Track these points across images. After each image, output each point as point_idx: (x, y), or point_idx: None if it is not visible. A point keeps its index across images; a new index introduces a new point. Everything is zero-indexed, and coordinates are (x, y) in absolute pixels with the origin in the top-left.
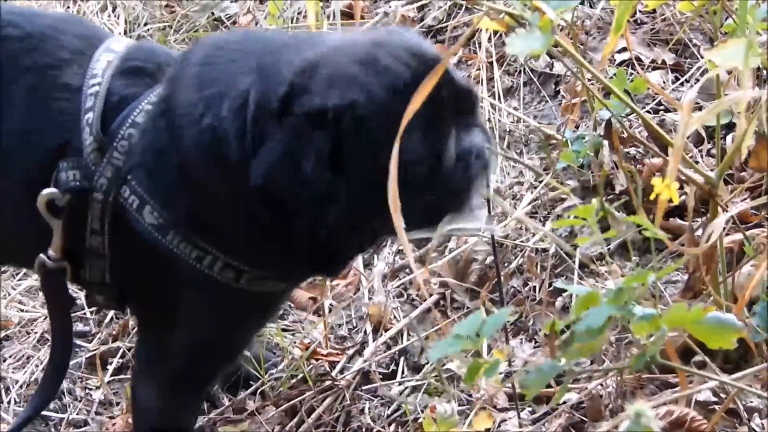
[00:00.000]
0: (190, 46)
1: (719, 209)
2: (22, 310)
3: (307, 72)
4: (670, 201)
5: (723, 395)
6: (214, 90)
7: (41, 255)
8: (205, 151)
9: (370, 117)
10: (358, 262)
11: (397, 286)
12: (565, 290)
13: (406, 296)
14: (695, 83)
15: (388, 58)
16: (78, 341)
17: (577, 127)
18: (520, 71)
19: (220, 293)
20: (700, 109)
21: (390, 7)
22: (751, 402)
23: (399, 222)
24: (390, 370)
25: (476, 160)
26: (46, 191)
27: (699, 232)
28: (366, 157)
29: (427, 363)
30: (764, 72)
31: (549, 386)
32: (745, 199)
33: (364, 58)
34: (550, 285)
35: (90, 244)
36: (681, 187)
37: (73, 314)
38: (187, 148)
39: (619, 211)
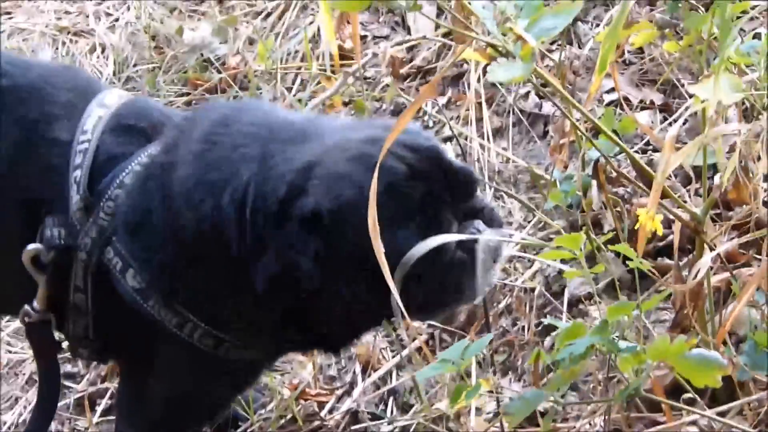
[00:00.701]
0: (193, 111)
1: (706, 247)
2: (10, 351)
3: (306, 171)
4: (659, 240)
5: None
6: (215, 176)
7: (26, 306)
8: (200, 235)
9: (357, 213)
10: None
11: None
12: (553, 330)
13: (394, 336)
14: (684, 123)
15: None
16: (66, 382)
17: (565, 167)
18: (509, 111)
19: (199, 356)
20: None
21: (379, 47)
22: None
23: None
24: (379, 410)
25: (480, 247)
26: (31, 247)
27: (687, 271)
28: (362, 255)
29: (416, 403)
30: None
31: (538, 425)
32: (733, 237)
33: (358, 155)
34: (538, 325)
35: (74, 300)
36: (669, 226)
37: (61, 355)
38: (182, 227)
39: (606, 250)
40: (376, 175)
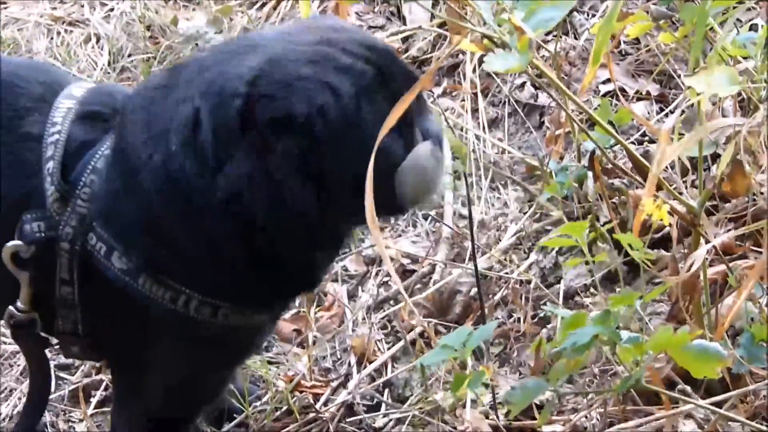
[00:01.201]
0: (132, 91)
1: (701, 239)
2: (4, 343)
3: (261, 80)
4: (656, 231)
5: (707, 427)
6: (157, 128)
7: (10, 307)
8: (163, 191)
9: (340, 120)
10: (342, 294)
11: (381, 318)
12: (549, 322)
13: (390, 328)
14: (681, 114)
15: (345, 55)
16: (61, 374)
17: (561, 158)
18: (504, 102)
19: (195, 333)
20: None
21: None
22: None
23: (374, 219)
24: (374, 402)
25: (438, 144)
26: (10, 244)
27: (683, 263)
28: (341, 162)
29: (412, 395)
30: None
31: (534, 418)
32: (729, 229)
33: (320, 58)
34: (533, 317)
35: (60, 294)
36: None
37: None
38: (146, 192)
39: (603, 242)
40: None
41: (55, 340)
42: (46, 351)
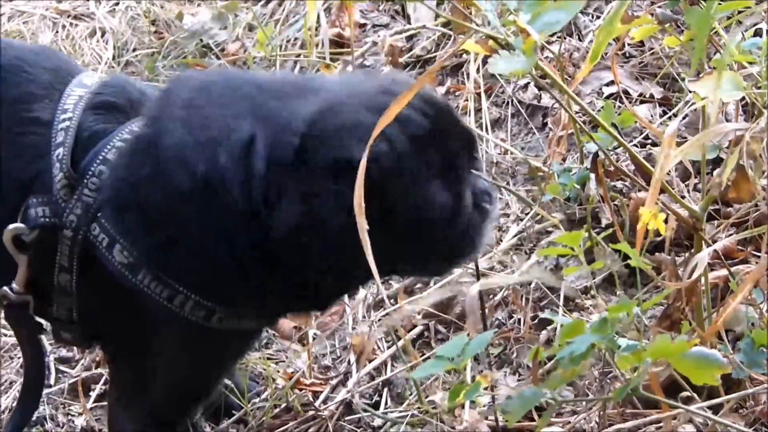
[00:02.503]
0: (166, 84)
1: (703, 243)
2: (5, 335)
3: (320, 123)
4: (657, 234)
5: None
6: (206, 135)
7: (4, 288)
8: (195, 196)
9: (393, 168)
10: None
11: (382, 317)
12: (549, 323)
13: (389, 327)
14: (684, 117)
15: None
16: (61, 367)
17: (564, 159)
18: (508, 103)
19: (191, 331)
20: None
21: (378, 36)
22: None
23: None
24: (373, 400)
25: (488, 201)
26: (12, 226)
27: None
28: (388, 208)
29: (411, 394)
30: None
31: (532, 420)
32: (731, 234)
33: (376, 105)
34: (534, 318)
35: (58, 280)
36: (666, 221)
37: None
38: (173, 192)
39: (606, 246)
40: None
41: (48, 326)
42: (41, 338)
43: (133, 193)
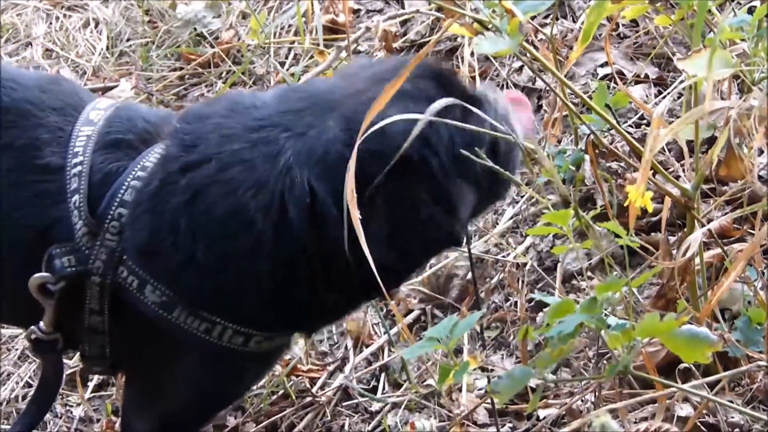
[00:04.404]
0: (178, 119)
1: (696, 223)
2: (3, 327)
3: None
4: (652, 215)
5: (705, 411)
6: (251, 181)
7: (33, 327)
8: (240, 230)
9: (442, 143)
10: None
11: (377, 302)
12: (545, 305)
13: (386, 312)
14: (678, 97)
15: (406, 83)
16: None
17: (559, 141)
18: (502, 85)
19: (224, 355)
20: None
21: (372, 21)
22: (732, 418)
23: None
24: (371, 386)
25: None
26: (38, 276)
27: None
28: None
29: (408, 379)
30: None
31: (528, 401)
32: (726, 213)
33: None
34: (530, 300)
35: (89, 323)
36: (662, 201)
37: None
38: (211, 228)
39: (597, 227)
40: None
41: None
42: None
43: (160, 233)
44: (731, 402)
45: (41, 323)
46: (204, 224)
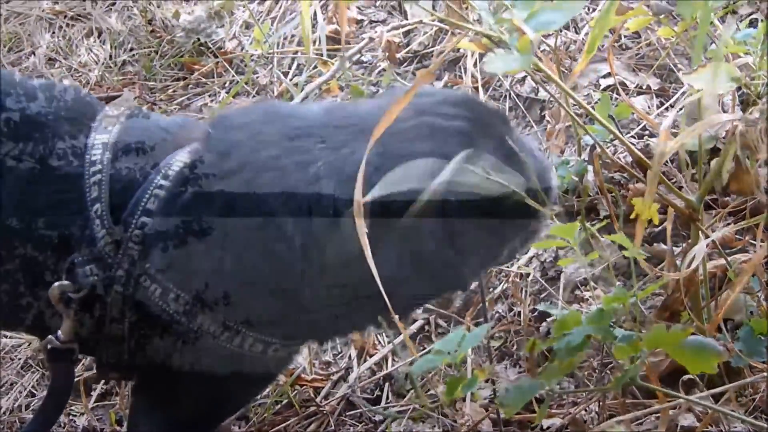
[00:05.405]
0: (210, 125)
1: (701, 234)
2: (6, 336)
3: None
4: (655, 226)
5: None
6: (294, 202)
7: (50, 336)
8: (277, 236)
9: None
10: None
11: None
12: (549, 315)
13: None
14: (681, 108)
15: (439, 119)
16: None
17: (562, 152)
18: (505, 96)
19: (239, 363)
20: None
21: (376, 32)
22: (735, 427)
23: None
24: (375, 395)
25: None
26: (58, 284)
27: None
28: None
29: (412, 389)
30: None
31: (533, 411)
32: (729, 223)
33: (422, 131)
34: (533, 311)
35: (110, 330)
36: (665, 211)
37: None
38: (243, 234)
39: (602, 236)
40: None
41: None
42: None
43: (186, 242)
44: (733, 411)
45: (59, 332)
46: (234, 232)
